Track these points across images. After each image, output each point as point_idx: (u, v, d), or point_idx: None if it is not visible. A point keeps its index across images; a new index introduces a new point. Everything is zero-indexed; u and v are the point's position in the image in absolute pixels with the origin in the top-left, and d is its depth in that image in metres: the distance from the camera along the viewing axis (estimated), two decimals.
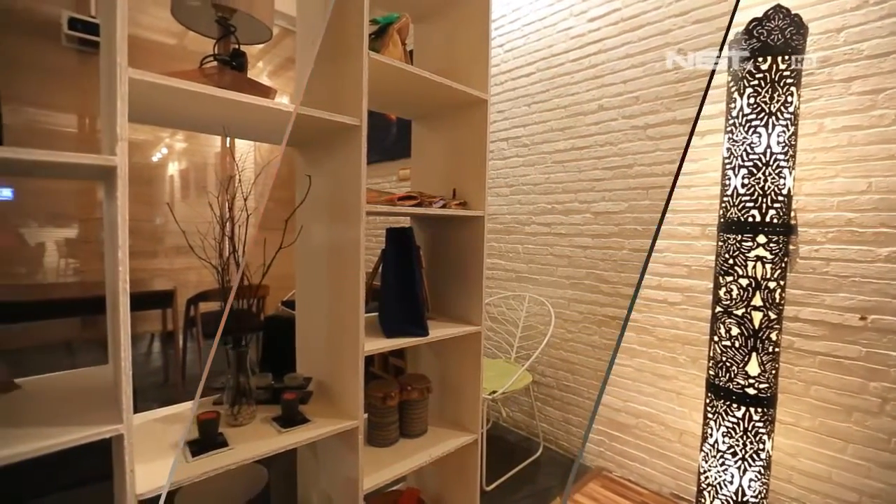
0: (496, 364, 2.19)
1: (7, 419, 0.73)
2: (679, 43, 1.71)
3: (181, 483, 0.81)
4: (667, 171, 1.75)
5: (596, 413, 2.01)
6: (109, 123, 0.76)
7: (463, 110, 1.35)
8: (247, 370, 0.98)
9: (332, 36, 1.09)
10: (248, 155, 3.33)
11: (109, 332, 0.94)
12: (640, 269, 1.86)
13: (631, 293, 1.87)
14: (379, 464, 1.16)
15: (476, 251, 1.33)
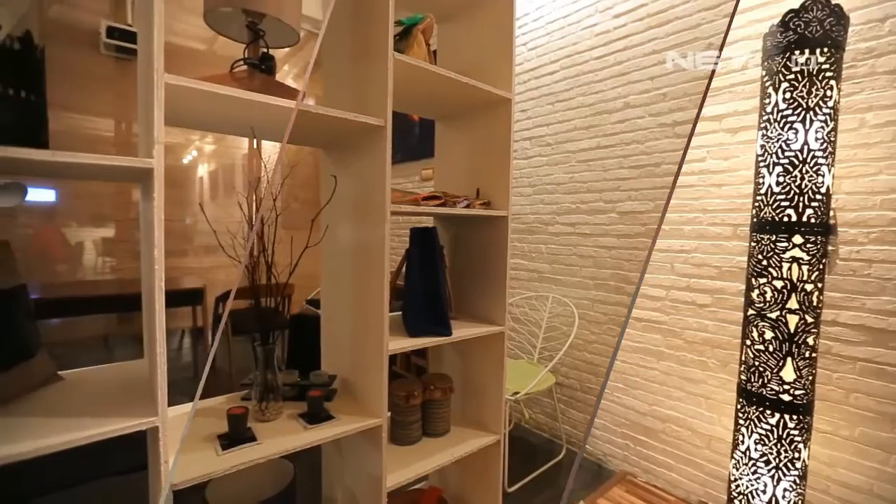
0: (519, 365, 2.17)
1: (52, 410, 0.76)
2: (709, 38, 1.66)
3: (212, 475, 0.83)
4: (696, 169, 1.70)
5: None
6: (146, 127, 0.79)
7: (487, 110, 1.35)
8: (274, 367, 1.00)
9: (358, 38, 1.10)
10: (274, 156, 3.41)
11: (145, 328, 0.98)
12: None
13: (659, 294, 1.83)
14: (402, 462, 1.17)
15: (500, 251, 1.32)
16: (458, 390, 1.45)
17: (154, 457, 0.81)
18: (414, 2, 1.35)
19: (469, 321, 1.36)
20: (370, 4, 1.03)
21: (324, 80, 1.26)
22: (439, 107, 1.41)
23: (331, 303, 1.26)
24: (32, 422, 0.72)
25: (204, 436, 0.94)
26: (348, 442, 1.19)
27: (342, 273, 1.19)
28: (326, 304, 1.28)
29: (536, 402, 2.36)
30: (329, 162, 1.24)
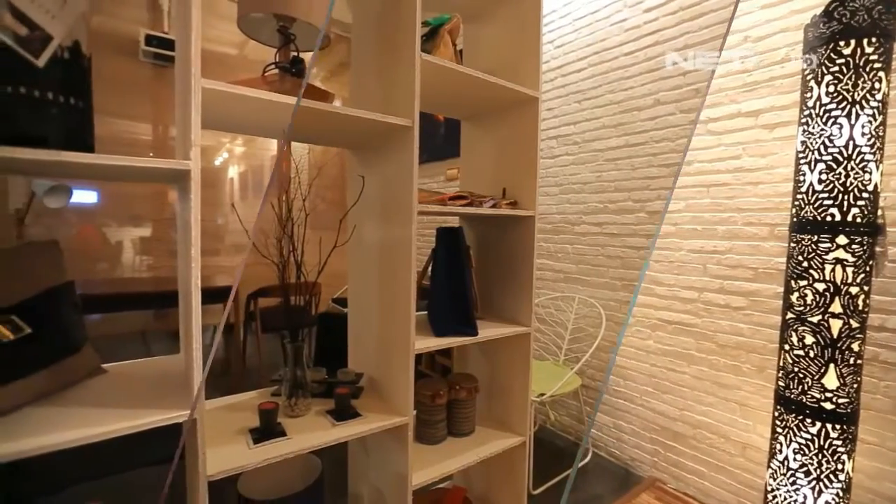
0: (544, 366, 2.15)
1: (97, 401, 0.80)
2: (746, 30, 1.60)
3: (245, 468, 0.86)
4: (731, 167, 1.65)
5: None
6: (184, 130, 0.82)
7: (513, 109, 1.34)
8: (303, 364, 1.02)
9: (385, 39, 1.11)
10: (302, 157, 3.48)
11: (182, 324, 1.01)
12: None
13: (690, 296, 1.78)
14: (427, 461, 1.17)
15: (526, 251, 1.31)
16: (484, 390, 1.44)
17: (191, 448, 0.84)
18: (441, 2, 1.35)
19: (495, 321, 1.36)
20: (397, 6, 1.03)
21: (351, 81, 1.27)
22: (466, 107, 1.41)
23: (358, 302, 1.28)
24: (80, 412, 0.76)
25: (236, 429, 0.97)
26: (374, 439, 1.20)
27: (369, 272, 1.20)
28: (353, 303, 1.30)
29: (562, 404, 2.33)
30: (357, 162, 1.26)
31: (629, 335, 2.01)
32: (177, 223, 1.07)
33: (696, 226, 1.76)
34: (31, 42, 0.70)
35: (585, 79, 2.18)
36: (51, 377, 0.79)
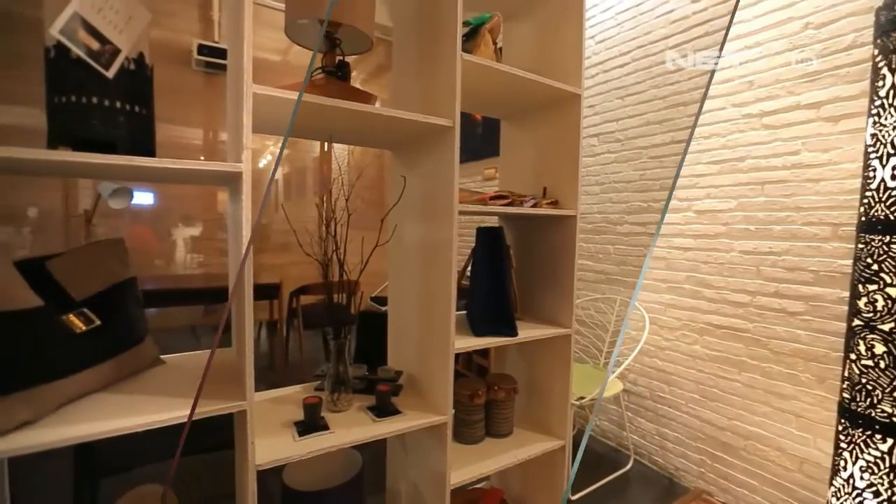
0: (583, 369, 2.10)
1: (157, 389, 0.85)
2: (806, 16, 1.50)
3: (290, 459, 0.88)
4: (788, 163, 1.55)
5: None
6: (235, 134, 0.86)
7: (554, 107, 1.32)
8: (346, 360, 1.05)
9: (425, 40, 1.12)
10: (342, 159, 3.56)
11: (233, 319, 1.06)
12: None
13: (742, 300, 1.69)
14: (465, 460, 1.17)
15: (567, 251, 1.28)
16: (522, 392, 1.43)
17: (241, 438, 0.88)
18: (481, 1, 1.35)
19: (534, 322, 1.34)
20: (437, 6, 1.04)
21: (392, 82, 1.29)
22: (506, 105, 1.40)
23: (398, 300, 1.29)
24: (143, 399, 0.81)
25: (282, 422, 1.00)
26: (413, 437, 1.21)
27: (409, 272, 1.21)
28: (393, 302, 1.32)
29: (602, 408, 2.27)
30: (398, 163, 1.27)
31: (673, 339, 1.93)
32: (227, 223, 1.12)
33: (748, 226, 1.67)
34: (102, 55, 0.75)
35: (629, 74, 2.12)
36: (117, 366, 0.85)
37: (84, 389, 0.80)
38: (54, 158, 0.67)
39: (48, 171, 0.87)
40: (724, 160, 1.74)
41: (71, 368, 0.74)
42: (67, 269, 0.82)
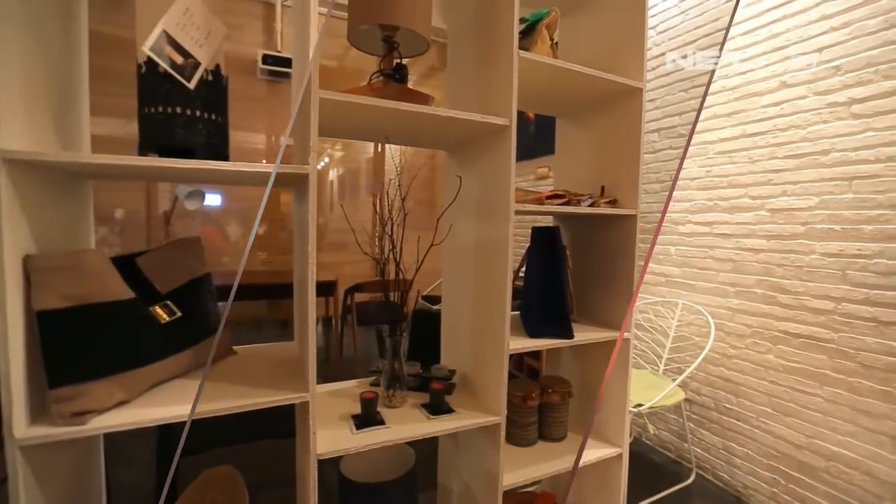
0: (641, 375, 2.01)
1: (230, 378, 0.92)
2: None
3: (348, 450, 0.91)
4: (882, 155, 1.39)
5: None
6: (302, 138, 0.90)
7: (614, 102, 1.27)
8: (401, 358, 1.07)
9: (481, 38, 1.12)
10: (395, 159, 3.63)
11: (296, 314, 1.12)
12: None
13: (824, 307, 1.54)
14: (517, 462, 1.16)
15: (626, 252, 1.23)
16: (577, 396, 1.39)
17: (303, 428, 0.93)
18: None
19: (590, 324, 1.30)
20: (494, 5, 1.03)
21: (447, 83, 1.30)
22: (562, 102, 1.37)
23: (452, 300, 1.30)
24: (217, 386, 0.87)
25: (339, 415, 1.04)
26: (465, 436, 1.22)
27: (463, 271, 1.22)
28: (447, 301, 1.33)
29: (661, 417, 2.16)
30: (453, 163, 1.28)
31: (743, 347, 1.80)
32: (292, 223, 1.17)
33: (832, 225, 1.52)
34: (185, 68, 0.82)
35: (694, 64, 2.00)
36: (195, 355, 0.92)
37: (167, 375, 0.87)
38: (145, 164, 0.74)
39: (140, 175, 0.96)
40: (805, 154, 1.60)
41: (157, 355, 0.81)
42: (153, 264, 0.90)
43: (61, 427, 0.69)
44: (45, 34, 0.78)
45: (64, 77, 0.86)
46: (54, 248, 0.80)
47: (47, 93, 0.79)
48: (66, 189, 0.89)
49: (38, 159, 0.68)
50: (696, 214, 2.00)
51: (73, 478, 0.90)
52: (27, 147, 0.69)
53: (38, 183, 0.75)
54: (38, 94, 0.75)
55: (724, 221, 1.87)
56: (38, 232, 0.75)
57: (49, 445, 0.70)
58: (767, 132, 1.71)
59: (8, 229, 0.65)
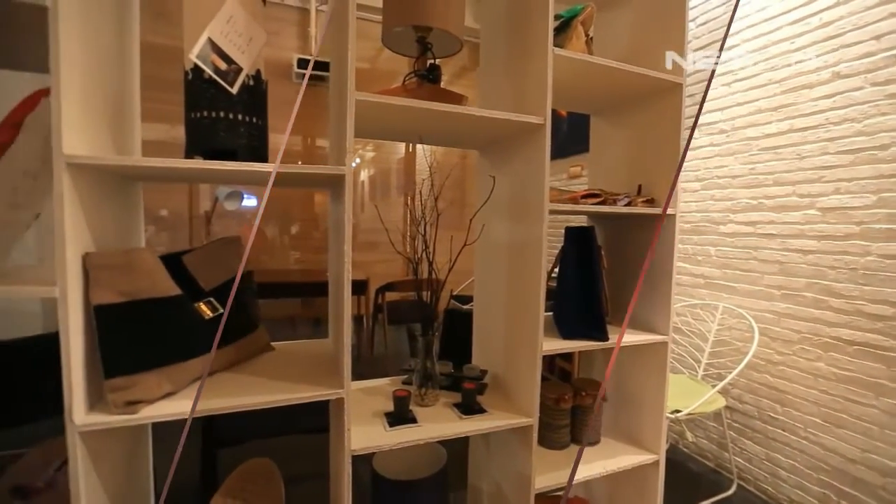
0: (679, 380, 1.94)
1: (268, 373, 0.95)
2: None
3: (381, 447, 0.93)
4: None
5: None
6: (338, 139, 0.92)
7: (651, 98, 1.23)
8: (433, 357, 1.07)
9: (514, 36, 1.11)
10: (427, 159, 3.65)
11: (331, 311, 1.14)
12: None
13: (882, 312, 1.44)
14: (549, 465, 1.14)
15: (664, 252, 1.19)
16: (611, 400, 1.36)
17: (338, 424, 0.94)
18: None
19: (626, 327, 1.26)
20: (527, 2, 1.02)
21: (480, 82, 1.30)
22: (597, 99, 1.34)
23: (484, 300, 1.30)
24: (256, 381, 0.90)
25: (372, 412, 1.06)
26: (497, 437, 1.21)
27: (496, 271, 1.21)
28: (479, 301, 1.32)
29: (700, 424, 2.08)
30: (486, 162, 1.28)
31: (790, 353, 1.71)
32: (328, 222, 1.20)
33: (891, 225, 1.42)
34: (228, 74, 0.85)
35: (736, 57, 1.91)
36: (237, 350, 0.95)
37: (211, 369, 0.90)
38: (192, 166, 0.77)
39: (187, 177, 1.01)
40: (860, 149, 1.50)
41: (201, 350, 0.85)
42: (198, 262, 0.94)
43: (115, 415, 0.73)
44: (103, 46, 0.83)
45: (118, 85, 0.91)
46: (109, 246, 0.85)
47: (104, 101, 0.83)
48: (120, 191, 0.94)
49: (96, 163, 0.72)
50: (738, 214, 1.91)
51: (125, 463, 0.96)
52: (86, 152, 0.74)
53: (96, 185, 0.80)
54: (95, 103, 0.79)
55: (770, 221, 1.78)
56: (96, 231, 0.79)
57: (104, 432, 0.74)
58: (818, 126, 1.62)
59: (70, 229, 0.69)
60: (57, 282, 0.68)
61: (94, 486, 0.76)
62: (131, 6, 0.98)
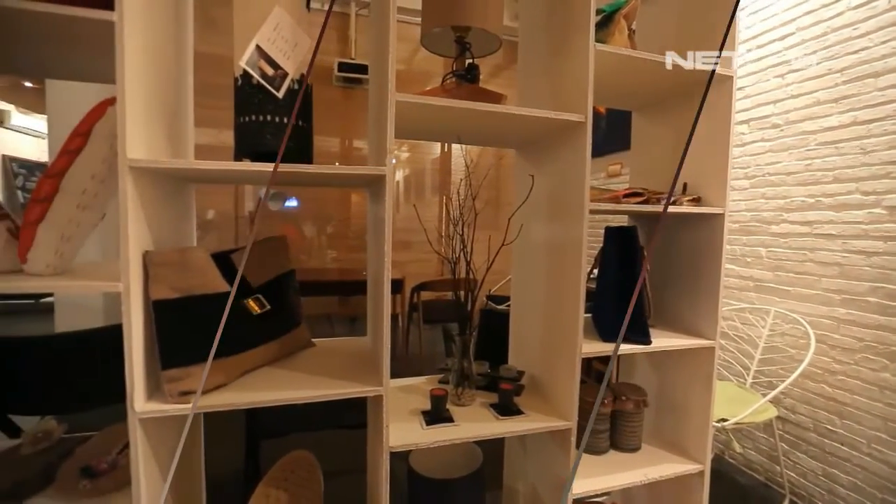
0: (725, 387, 1.85)
1: (311, 369, 0.97)
2: None
3: (419, 445, 0.93)
4: None
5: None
6: (378, 139, 0.94)
7: (698, 93, 1.18)
8: (470, 356, 1.07)
9: (554, 32, 1.09)
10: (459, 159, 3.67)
11: (369, 310, 1.16)
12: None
13: None
14: (587, 471, 1.12)
15: (711, 254, 1.14)
16: (652, 405, 1.31)
17: (376, 421, 0.96)
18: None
19: (668, 330, 1.22)
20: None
21: (518, 80, 1.28)
22: (640, 95, 1.30)
23: (521, 300, 1.29)
24: (298, 376, 0.93)
25: (409, 410, 1.07)
26: (533, 439, 1.20)
27: (534, 272, 1.20)
28: (516, 301, 1.31)
29: (748, 434, 1.98)
30: (523, 161, 1.26)
31: (851, 363, 1.60)
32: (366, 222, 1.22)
33: None
34: (275, 79, 0.88)
35: (792, 46, 1.80)
36: (281, 346, 0.99)
37: (257, 363, 0.94)
38: (241, 168, 0.80)
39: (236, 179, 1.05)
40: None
41: (250, 344, 0.89)
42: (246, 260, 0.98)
43: (171, 404, 0.77)
44: (162, 58, 0.88)
45: (174, 93, 0.97)
46: (165, 244, 0.90)
47: (161, 108, 0.89)
48: (175, 192, 0.99)
49: (155, 166, 0.76)
50: (792, 213, 1.80)
51: None
52: (146, 156, 0.79)
53: (154, 187, 0.85)
54: (155, 109, 0.84)
55: (829, 220, 1.67)
56: (154, 230, 0.84)
57: (161, 419, 0.79)
58: (886, 118, 1.50)
59: (132, 228, 0.74)
60: (121, 278, 0.73)
61: (152, 469, 0.81)
62: (186, 19, 1.03)
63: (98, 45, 0.76)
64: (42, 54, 0.88)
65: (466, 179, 1.03)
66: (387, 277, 0.85)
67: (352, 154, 3.86)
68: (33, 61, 0.94)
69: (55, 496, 0.81)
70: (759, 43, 1.94)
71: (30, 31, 0.75)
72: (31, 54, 0.88)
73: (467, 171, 1.03)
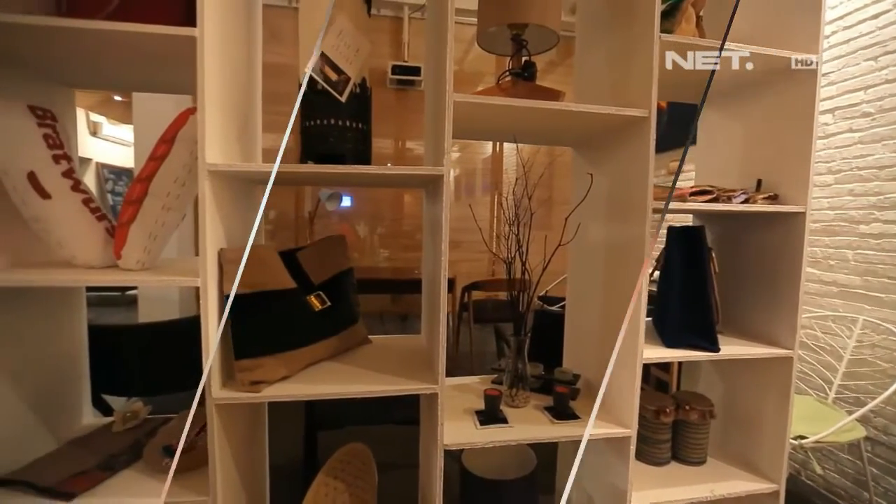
0: (804, 402, 1.70)
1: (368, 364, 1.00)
2: None
3: (473, 444, 0.93)
4: None
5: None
6: (435, 140, 0.95)
7: (777, 82, 1.09)
8: (524, 358, 1.06)
9: (616, 25, 1.05)
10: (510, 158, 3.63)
11: (424, 309, 1.18)
12: None
13: None
14: (646, 482, 1.07)
15: (790, 256, 1.05)
16: (720, 417, 1.23)
17: (430, 418, 0.97)
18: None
19: (738, 337, 1.14)
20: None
21: (575, 76, 1.25)
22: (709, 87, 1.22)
23: (577, 302, 1.25)
24: (356, 371, 0.96)
25: (463, 409, 1.07)
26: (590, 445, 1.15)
27: (591, 273, 1.16)
28: (572, 303, 1.28)
29: (830, 455, 1.81)
30: (581, 160, 1.23)
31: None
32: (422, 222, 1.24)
33: None
34: (338, 84, 0.92)
35: (886, 25, 1.62)
36: (340, 342, 1.03)
37: (318, 357, 0.99)
38: (307, 170, 0.84)
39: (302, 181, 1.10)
40: None
41: (311, 339, 0.93)
42: (309, 259, 1.03)
43: (243, 392, 0.83)
44: (235, 69, 0.94)
45: (245, 101, 1.03)
46: (237, 243, 0.96)
47: (234, 115, 0.95)
48: (245, 193, 1.06)
49: (230, 170, 0.82)
50: (886, 211, 1.62)
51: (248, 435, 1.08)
52: (222, 160, 0.85)
53: (228, 189, 0.91)
54: (229, 116, 0.90)
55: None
56: (228, 229, 0.90)
57: (233, 406, 0.85)
58: None
59: (210, 227, 0.80)
60: (199, 273, 0.79)
61: (225, 451, 0.87)
62: (256, 32, 1.10)
63: (180, 59, 0.83)
64: (130, 70, 0.97)
65: (522, 178, 1.02)
66: (444, 277, 0.86)
67: (405, 155, 3.93)
68: (122, 77, 1.03)
69: (143, 470, 0.89)
70: (844, 24, 1.76)
71: (120, 49, 0.83)
72: (122, 70, 0.97)
73: (523, 171, 1.01)
